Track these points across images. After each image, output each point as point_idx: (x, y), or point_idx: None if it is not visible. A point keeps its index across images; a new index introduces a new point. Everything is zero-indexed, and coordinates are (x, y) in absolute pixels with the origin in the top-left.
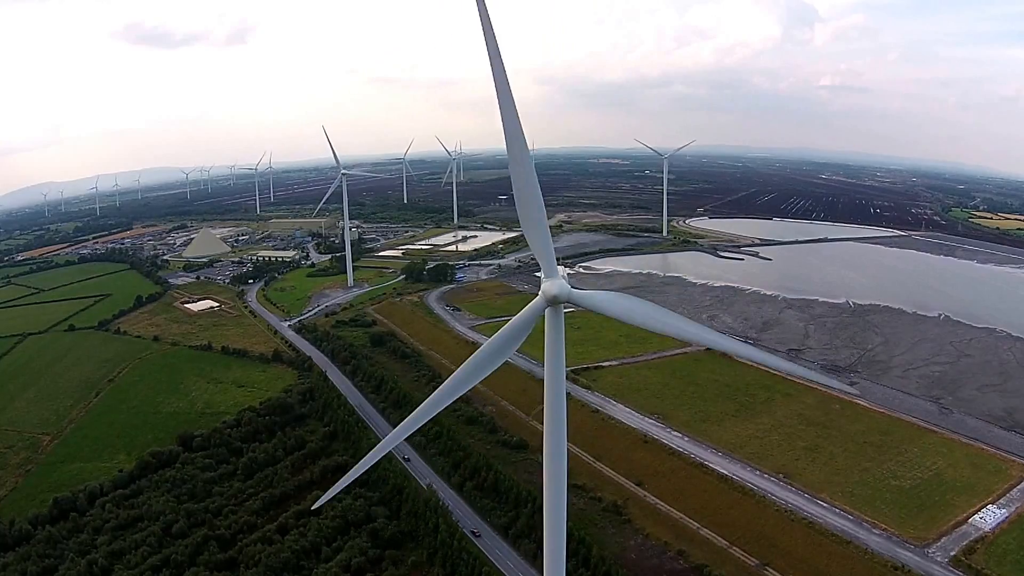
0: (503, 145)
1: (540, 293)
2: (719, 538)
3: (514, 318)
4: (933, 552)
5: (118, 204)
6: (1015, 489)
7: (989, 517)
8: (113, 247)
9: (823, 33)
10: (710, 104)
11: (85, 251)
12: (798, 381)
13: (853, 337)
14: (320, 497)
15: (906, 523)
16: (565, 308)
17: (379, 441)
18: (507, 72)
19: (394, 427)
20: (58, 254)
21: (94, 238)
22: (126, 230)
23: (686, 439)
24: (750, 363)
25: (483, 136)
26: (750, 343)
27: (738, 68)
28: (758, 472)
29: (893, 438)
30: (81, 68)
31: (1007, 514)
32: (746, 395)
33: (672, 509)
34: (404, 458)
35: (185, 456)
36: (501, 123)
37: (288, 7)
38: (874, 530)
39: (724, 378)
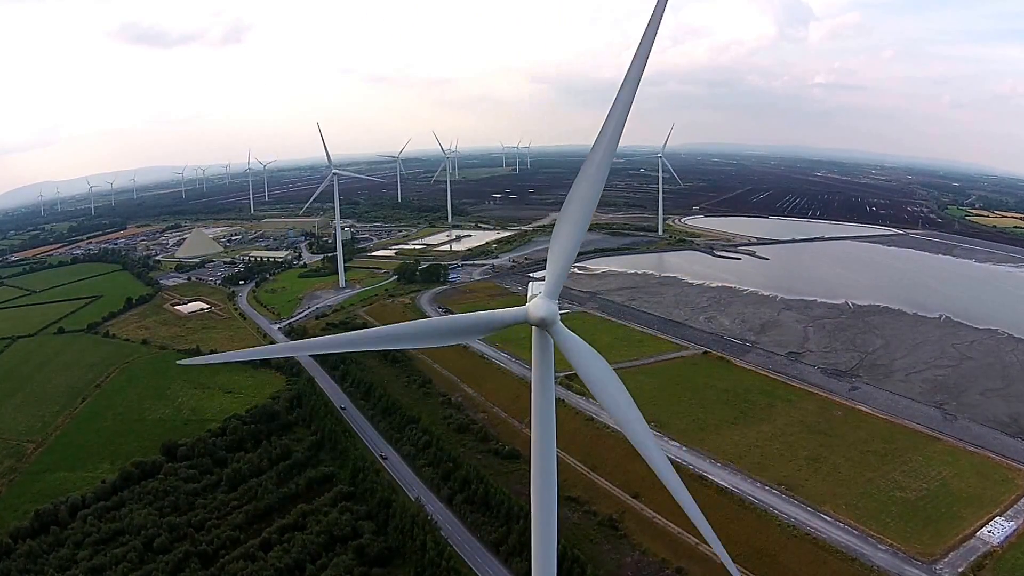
0: (498, 144)
1: (526, 309)
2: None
3: (490, 315)
4: (940, 569)
5: (113, 204)
6: (1023, 500)
7: (997, 530)
8: (106, 247)
9: (818, 31)
10: (705, 102)
11: (78, 252)
12: (798, 386)
13: (853, 339)
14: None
15: (912, 537)
16: (560, 310)
17: (366, 450)
18: (501, 70)
19: (383, 435)
20: (52, 255)
21: (88, 238)
22: (120, 230)
23: (684, 449)
24: (750, 368)
25: (479, 135)
26: (749, 345)
27: (733, 66)
28: (759, 484)
29: (897, 446)
30: (77, 68)
31: (1015, 527)
32: (745, 401)
33: (670, 523)
34: (382, 456)
35: (168, 466)
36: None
37: (284, 7)
38: (880, 545)
39: (722, 383)
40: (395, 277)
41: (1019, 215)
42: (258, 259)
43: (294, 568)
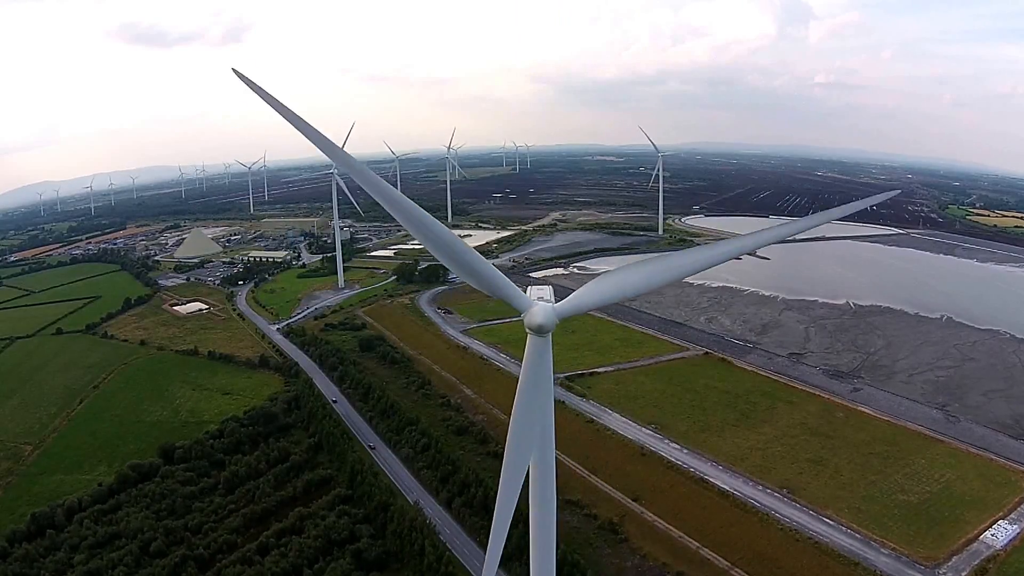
0: (500, 143)
1: (530, 306)
2: (720, 559)
3: (523, 370)
4: (944, 572)
5: (113, 204)
6: None
7: (1001, 534)
8: (105, 247)
9: (818, 31)
10: (705, 102)
11: (77, 252)
12: (799, 387)
13: (855, 340)
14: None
15: (916, 541)
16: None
17: (364, 452)
18: (500, 69)
19: (381, 437)
20: (51, 255)
21: (87, 238)
22: (119, 230)
23: (685, 451)
24: (751, 369)
25: (479, 135)
26: (750, 345)
27: (733, 66)
28: (760, 487)
29: (899, 448)
30: (77, 67)
31: (1018, 530)
32: (746, 403)
33: (671, 527)
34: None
35: (165, 469)
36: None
37: (283, 7)
38: (882, 549)
39: (723, 384)
40: (394, 277)
41: (1020, 215)
42: (257, 259)
43: (291, 572)
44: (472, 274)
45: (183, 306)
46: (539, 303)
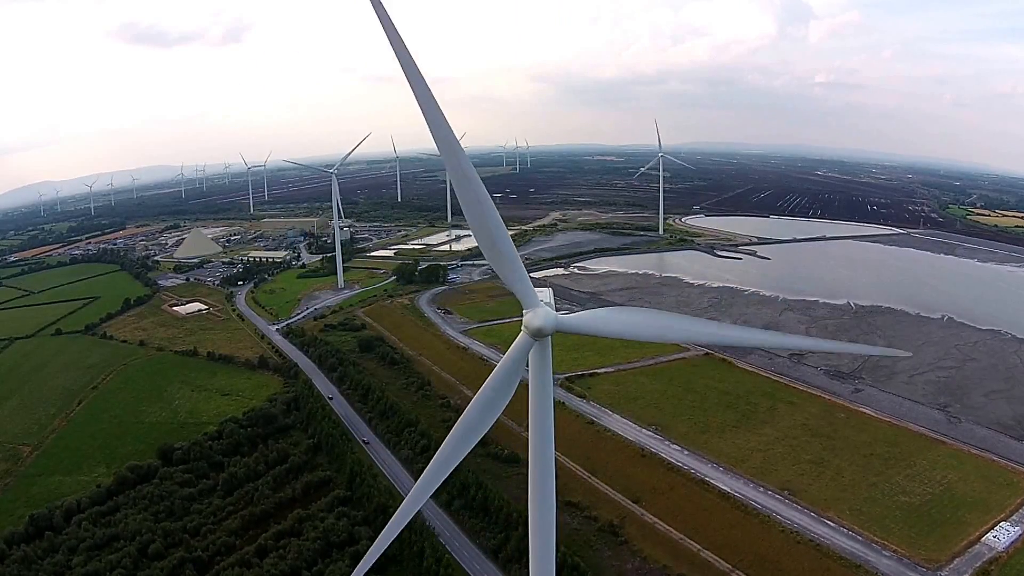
0: (498, 143)
1: (523, 327)
2: (721, 561)
3: (499, 364)
4: (945, 575)
5: (113, 204)
6: None
7: (1003, 536)
8: (105, 248)
9: (818, 30)
10: (705, 101)
11: (77, 252)
12: (800, 388)
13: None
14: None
15: (917, 543)
16: (559, 311)
17: (363, 454)
18: (500, 69)
19: (380, 438)
20: (51, 255)
21: (87, 238)
22: (119, 230)
23: (685, 452)
24: (752, 369)
25: (479, 135)
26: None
27: (733, 65)
28: (761, 489)
29: (901, 449)
30: (77, 67)
31: (1020, 532)
32: (747, 404)
33: (671, 529)
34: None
35: (164, 471)
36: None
37: (283, 6)
38: (884, 552)
39: (724, 385)
40: (394, 277)
41: (1020, 214)
42: (257, 259)
43: (290, 574)
44: (499, 256)
45: (182, 306)
46: (543, 306)
